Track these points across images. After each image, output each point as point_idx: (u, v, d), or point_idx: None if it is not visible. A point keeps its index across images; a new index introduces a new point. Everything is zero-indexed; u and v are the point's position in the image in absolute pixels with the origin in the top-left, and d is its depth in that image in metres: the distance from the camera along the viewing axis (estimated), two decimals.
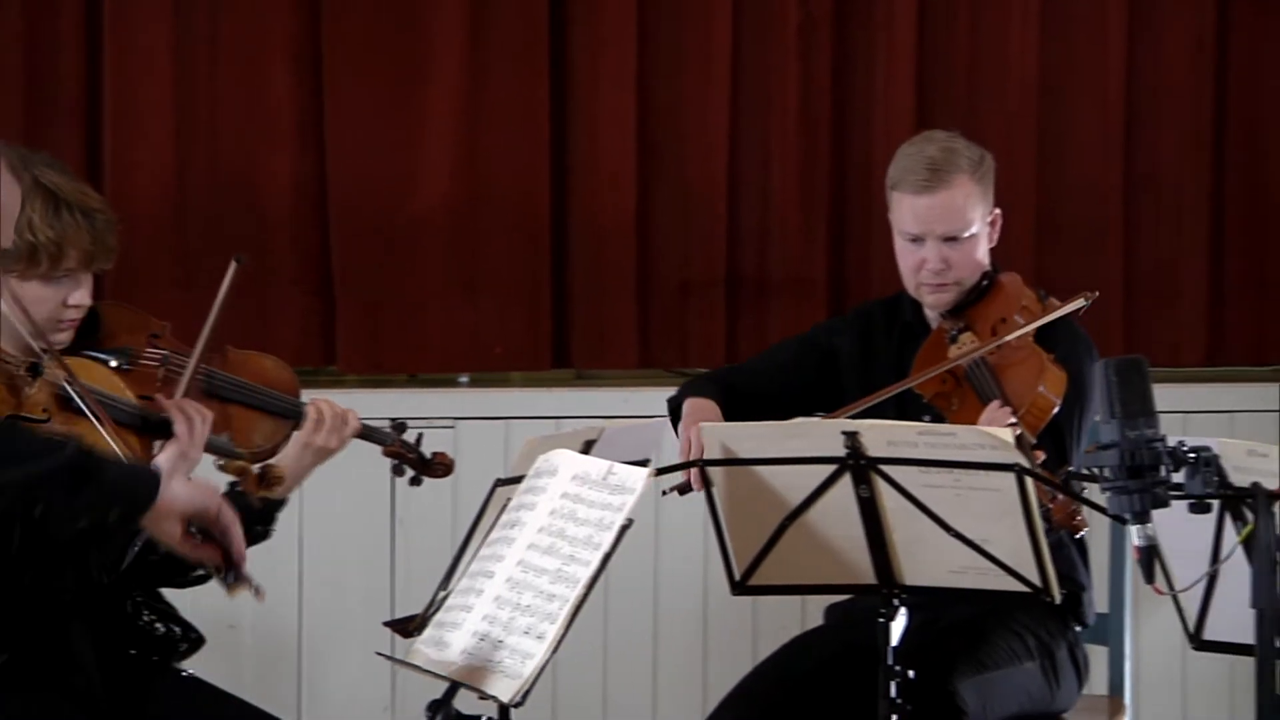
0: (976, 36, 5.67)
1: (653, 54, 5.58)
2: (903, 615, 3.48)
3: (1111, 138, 5.70)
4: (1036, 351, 3.94)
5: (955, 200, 4.01)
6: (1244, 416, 5.47)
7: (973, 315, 4.04)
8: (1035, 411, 3.85)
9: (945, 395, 3.95)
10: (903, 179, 4.04)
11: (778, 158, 5.61)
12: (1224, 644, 3.31)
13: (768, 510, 3.46)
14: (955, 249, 4.02)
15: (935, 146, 4.03)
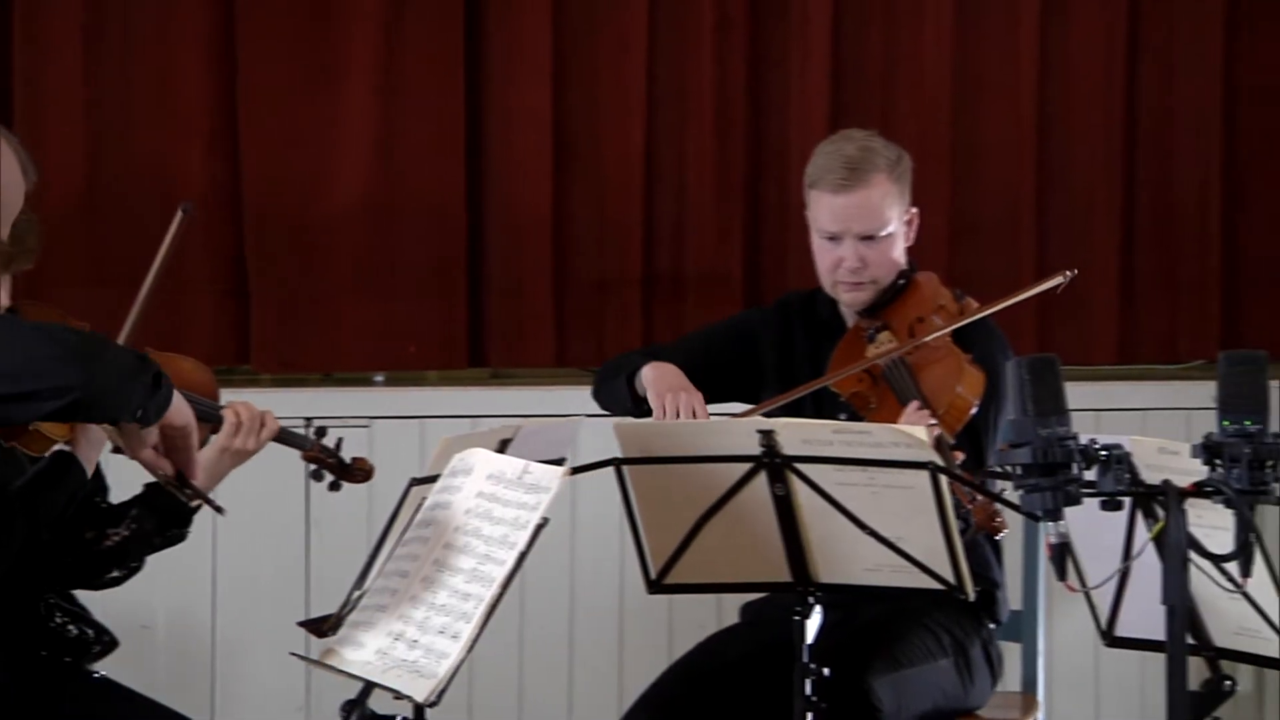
0: (891, 37, 5.69)
1: (568, 52, 5.57)
2: (818, 613, 3.49)
3: (1024, 138, 5.74)
4: (954, 352, 3.95)
5: (872, 199, 4.02)
6: (1155, 414, 5.51)
7: (889, 314, 4.05)
8: (954, 412, 3.87)
9: (862, 395, 3.96)
10: (821, 178, 4.04)
11: (694, 156, 5.62)
12: (1136, 640, 3.33)
13: (683, 508, 3.46)
14: (872, 248, 4.03)
15: (853, 145, 4.04)
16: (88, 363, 3.01)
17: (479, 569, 3.07)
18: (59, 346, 3.00)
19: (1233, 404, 2.84)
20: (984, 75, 5.74)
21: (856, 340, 4.04)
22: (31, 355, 2.98)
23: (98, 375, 3.01)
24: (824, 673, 3.48)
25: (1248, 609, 3.14)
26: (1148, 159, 5.84)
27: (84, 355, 3.01)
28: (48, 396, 2.99)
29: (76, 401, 3.01)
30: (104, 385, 3.02)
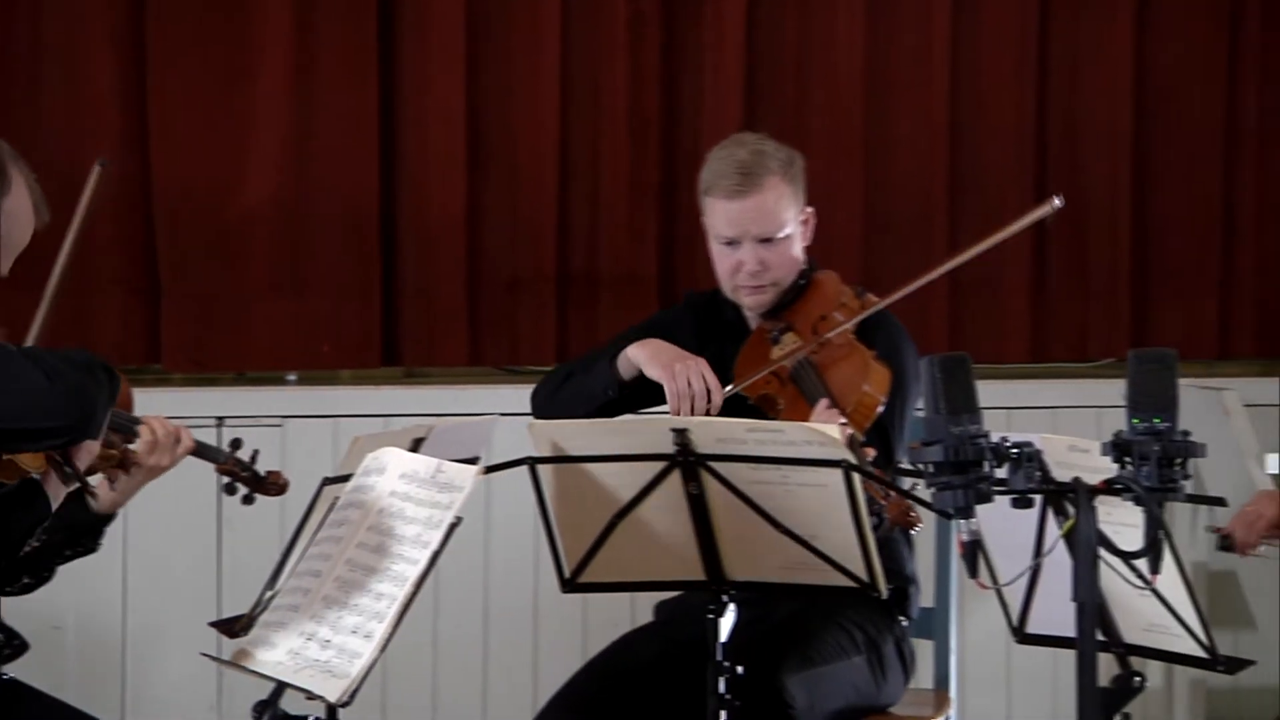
0: (804, 34, 5.71)
1: (482, 51, 5.56)
2: (731, 611, 3.50)
3: (936, 136, 5.77)
4: (859, 349, 3.96)
5: (768, 202, 4.02)
6: (1066, 412, 5.55)
7: (792, 315, 4.06)
8: (862, 410, 3.88)
9: (770, 397, 3.97)
10: (715, 184, 4.04)
11: (608, 154, 5.62)
12: (1047, 637, 3.35)
13: (597, 508, 3.45)
14: (771, 250, 4.03)
15: (745, 150, 4.04)
16: (85, 401, 3.12)
17: (392, 568, 3.06)
18: (61, 384, 3.09)
19: (1142, 402, 2.86)
20: (896, 73, 5.77)
21: (760, 343, 4.04)
22: (33, 395, 3.07)
23: (96, 414, 3.15)
24: (737, 671, 3.49)
25: (1157, 605, 3.17)
26: (1058, 158, 5.88)
27: (83, 394, 3.12)
28: (46, 436, 3.14)
29: (72, 440, 3.18)
30: (98, 421, 3.16)
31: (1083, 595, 2.83)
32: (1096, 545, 2.84)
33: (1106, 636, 3.23)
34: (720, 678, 3.48)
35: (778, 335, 4.03)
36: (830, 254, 4.27)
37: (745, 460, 3.36)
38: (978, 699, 5.45)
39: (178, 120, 5.37)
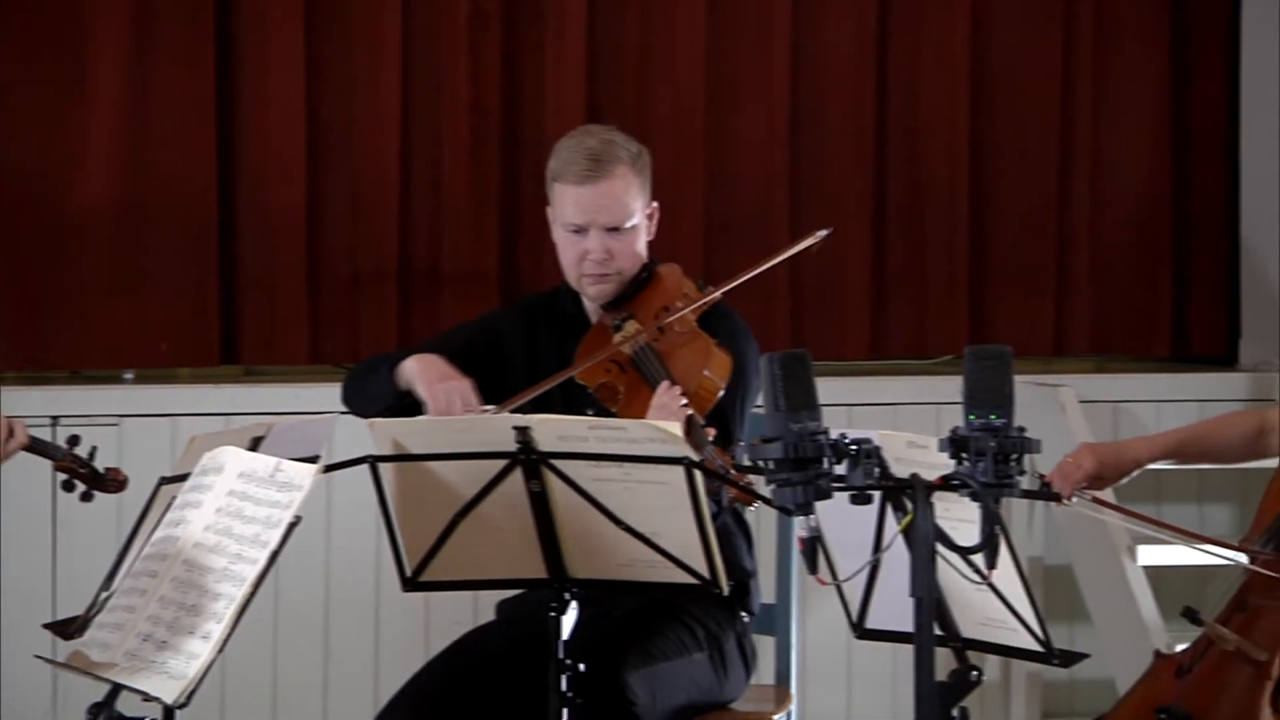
0: (645, 30, 5.73)
1: (321, 46, 5.53)
2: (573, 609, 3.49)
3: (777, 135, 5.80)
4: (701, 335, 3.98)
5: (617, 190, 4.03)
6: (906, 409, 5.60)
7: (634, 306, 4.06)
8: (703, 394, 3.89)
9: (610, 385, 3.97)
10: (564, 170, 4.05)
11: (449, 150, 5.60)
12: (885, 632, 3.37)
13: (439, 506, 3.44)
14: (617, 239, 4.04)
15: (595, 139, 4.06)
16: None
17: (230, 568, 3.03)
18: None
19: (978, 399, 2.88)
20: (738, 71, 5.79)
21: (602, 333, 4.05)
22: None
23: None
24: (579, 668, 3.49)
25: (994, 600, 3.20)
26: (897, 158, 5.93)
27: None
28: None
29: None
30: None
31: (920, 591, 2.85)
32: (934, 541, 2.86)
33: (944, 631, 3.26)
34: (562, 675, 3.48)
35: (619, 324, 4.03)
36: (671, 250, 4.28)
37: (587, 458, 3.36)
38: (818, 694, 5.49)
39: (10, 115, 5.29)
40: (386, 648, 5.35)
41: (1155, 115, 6.09)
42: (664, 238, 4.21)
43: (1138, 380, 5.88)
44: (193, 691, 2.98)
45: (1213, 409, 5.65)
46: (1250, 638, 3.38)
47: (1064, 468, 3.53)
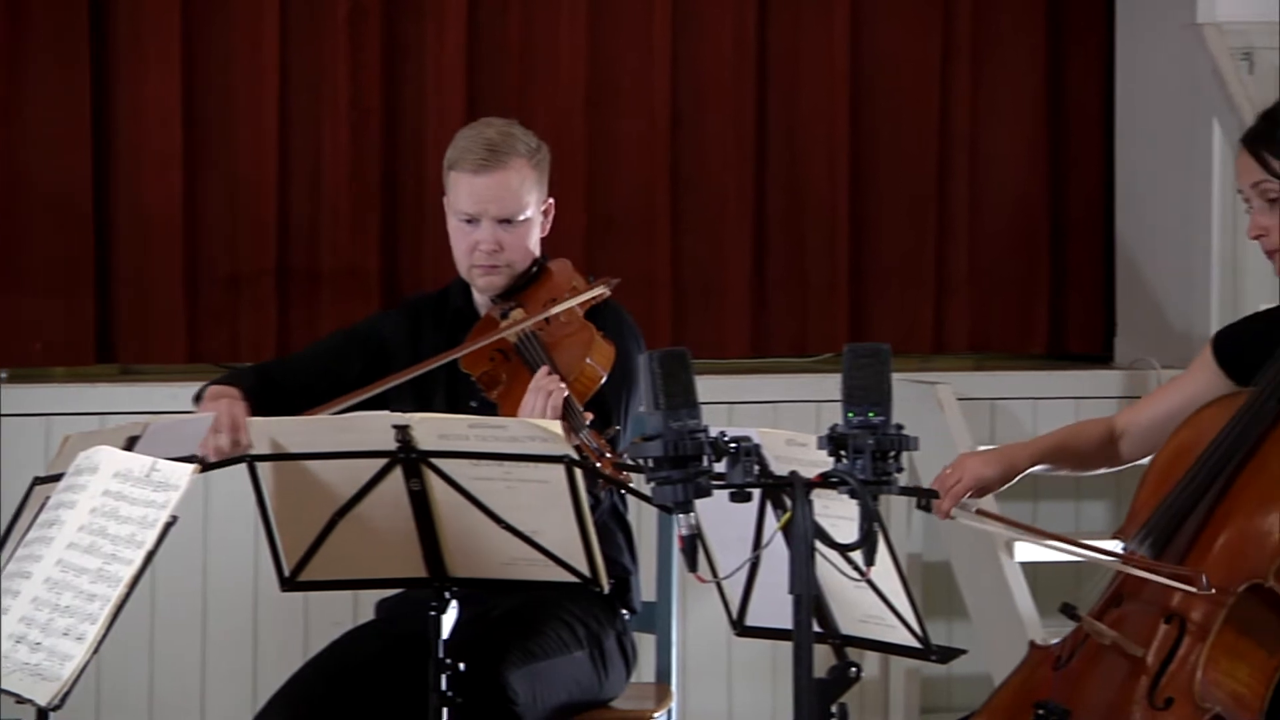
0: (527, 27, 5.72)
1: (199, 41, 5.49)
2: (453, 608, 3.49)
3: (658, 133, 5.81)
4: (586, 325, 3.99)
5: (511, 182, 4.03)
6: (786, 407, 5.62)
7: (523, 299, 4.06)
8: (584, 380, 3.89)
9: (493, 374, 3.96)
10: (460, 159, 4.05)
11: (328, 147, 5.58)
12: (765, 629, 3.38)
13: (317, 505, 3.42)
14: (509, 231, 4.04)
15: (494, 130, 4.06)
16: None
17: (105, 569, 3.00)
18: None
19: (856, 396, 2.89)
20: (619, 70, 5.80)
21: (490, 324, 4.04)
22: None
23: None
24: (459, 667, 3.48)
25: (872, 597, 3.21)
26: (778, 157, 5.96)
27: None
28: None
29: None
30: None
31: (799, 588, 2.86)
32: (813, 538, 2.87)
33: (823, 628, 3.27)
34: (442, 674, 3.48)
35: (506, 312, 4.03)
36: (553, 248, 4.27)
37: (467, 456, 3.35)
38: (698, 691, 5.50)
39: None
40: (265, 648, 5.31)
41: (1032, 114, 6.14)
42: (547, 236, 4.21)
43: (1015, 378, 5.93)
44: (67, 693, 2.95)
45: (1089, 406, 5.72)
46: (1126, 632, 3.41)
47: (945, 480, 3.54)
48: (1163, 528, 3.46)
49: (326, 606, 5.14)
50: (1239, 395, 3.51)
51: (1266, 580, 3.34)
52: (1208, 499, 3.45)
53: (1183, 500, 3.46)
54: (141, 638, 5.24)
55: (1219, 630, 3.33)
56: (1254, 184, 3.51)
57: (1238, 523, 3.42)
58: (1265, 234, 3.51)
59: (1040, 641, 3.64)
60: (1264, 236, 3.51)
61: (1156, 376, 5.75)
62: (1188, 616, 3.38)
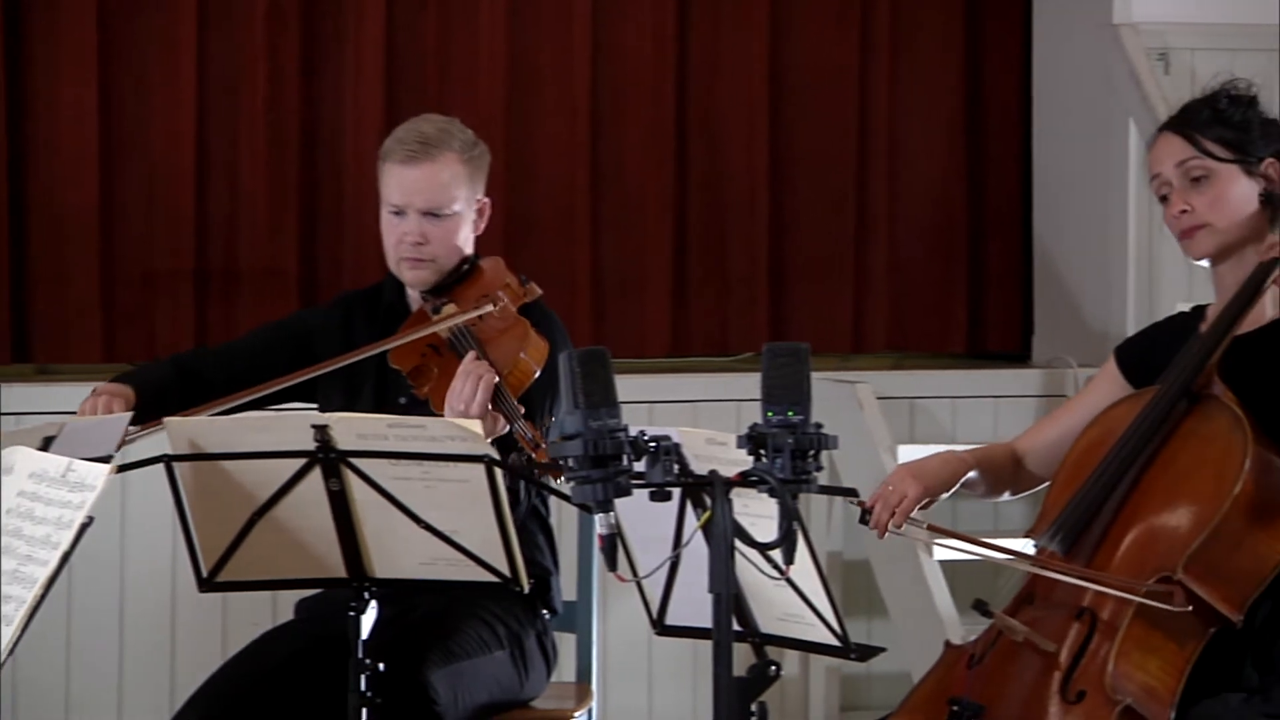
0: (445, 28, 5.71)
1: (115, 40, 5.46)
2: (373, 608, 3.48)
3: (578, 133, 5.81)
4: (520, 320, 3.98)
5: (440, 175, 4.02)
6: (706, 406, 5.63)
7: (455, 295, 4.06)
8: (518, 374, 3.89)
9: (424, 368, 3.95)
10: (392, 150, 4.05)
11: (246, 147, 5.56)
12: (685, 629, 3.39)
13: (236, 505, 3.41)
14: (436, 225, 4.03)
15: (431, 124, 4.06)
16: None
17: (20, 570, 2.98)
18: None
19: (775, 395, 2.90)
20: (538, 70, 5.80)
21: (421, 318, 4.04)
22: None
23: None
24: (379, 668, 3.47)
25: (792, 595, 3.22)
26: (698, 156, 5.97)
27: None
28: None
29: None
30: None
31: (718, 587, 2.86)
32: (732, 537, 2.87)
33: (743, 627, 3.28)
34: (361, 675, 3.47)
35: (438, 307, 4.02)
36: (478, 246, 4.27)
37: (386, 456, 3.34)
38: (619, 691, 5.50)
39: None
40: (183, 649, 5.29)
41: (950, 114, 6.18)
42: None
43: (934, 376, 5.96)
44: None
45: (1007, 405, 5.75)
46: (1038, 629, 3.44)
47: (888, 498, 3.54)
48: (1072, 524, 3.48)
49: (245, 607, 5.12)
50: (1146, 393, 3.54)
51: (1175, 573, 3.36)
52: (1117, 495, 3.48)
53: (1092, 496, 3.48)
54: (58, 639, 5.20)
55: (1129, 624, 3.36)
56: (1180, 163, 3.55)
57: (1146, 517, 3.45)
58: (1189, 210, 3.54)
59: (959, 639, 3.66)
60: (1186, 213, 3.54)
61: (1074, 375, 5.79)
62: (1099, 612, 3.40)
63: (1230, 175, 3.55)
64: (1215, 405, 3.47)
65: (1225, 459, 3.40)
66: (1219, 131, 3.55)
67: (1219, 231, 3.55)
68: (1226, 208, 3.54)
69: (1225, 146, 3.55)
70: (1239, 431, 3.41)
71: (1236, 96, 3.59)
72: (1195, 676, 3.36)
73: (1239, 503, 3.38)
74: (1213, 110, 3.57)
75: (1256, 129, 3.57)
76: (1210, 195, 3.54)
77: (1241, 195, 3.55)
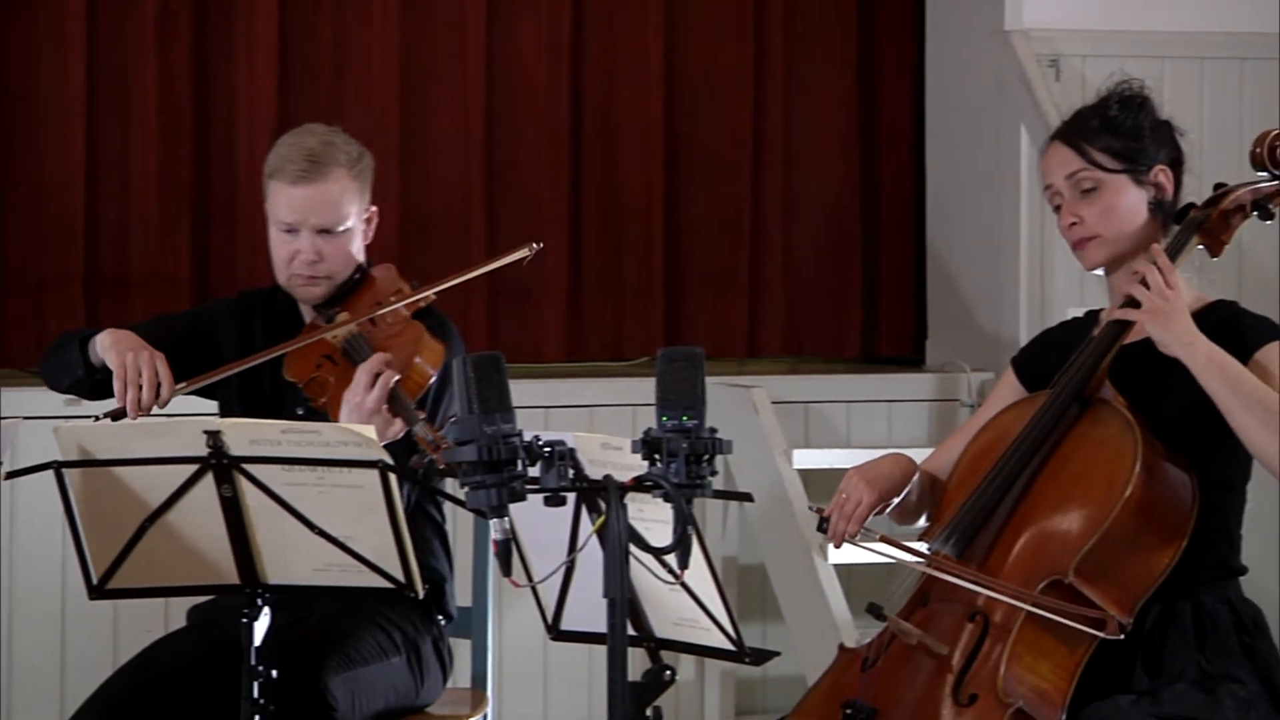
0: (339, 31, 5.70)
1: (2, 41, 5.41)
2: (266, 615, 3.46)
3: (473, 137, 5.80)
4: (414, 324, 3.98)
5: (331, 193, 4.00)
6: (602, 410, 5.64)
7: (347, 305, 4.04)
8: (415, 377, 3.88)
9: (321, 380, 3.94)
10: (280, 168, 4.01)
11: (137, 150, 5.52)
12: (580, 633, 3.39)
13: (127, 512, 3.38)
14: (329, 242, 4.01)
15: (315, 139, 4.02)
16: None
17: None
18: None
19: (670, 400, 2.91)
20: (433, 74, 5.79)
21: (314, 331, 4.02)
22: None
23: None
24: (272, 674, 3.45)
25: (687, 600, 3.23)
26: (593, 161, 5.97)
27: None
28: None
29: None
30: None
31: (613, 591, 2.86)
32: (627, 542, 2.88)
33: (638, 631, 3.28)
34: (254, 682, 3.44)
35: (331, 316, 4.01)
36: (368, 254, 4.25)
37: (279, 462, 3.33)
38: (515, 696, 5.50)
39: None
40: (73, 657, 5.24)
41: (845, 120, 6.21)
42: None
43: (829, 381, 5.98)
44: None
45: (901, 409, 5.79)
46: (931, 632, 3.46)
47: (844, 505, 3.55)
48: (966, 527, 3.51)
49: (138, 614, 5.08)
50: (1038, 397, 3.57)
51: (1066, 576, 3.39)
52: (1010, 498, 3.50)
53: (985, 500, 3.51)
54: None
55: (1021, 627, 3.39)
56: (1070, 174, 3.57)
57: (1039, 520, 3.47)
58: (1079, 222, 3.57)
59: (854, 643, 3.67)
60: (1077, 224, 3.57)
61: (967, 379, 5.83)
62: (991, 614, 3.43)
63: (1119, 186, 3.57)
64: (1106, 410, 3.50)
65: (1116, 463, 3.44)
66: (1108, 141, 3.57)
67: (1109, 242, 3.58)
68: (1116, 218, 3.57)
69: (1114, 157, 3.57)
70: (1129, 436, 3.44)
71: (1127, 100, 3.61)
72: (1086, 679, 3.39)
73: (1129, 506, 3.41)
74: (1103, 118, 3.59)
75: (1147, 135, 3.59)
76: (1099, 206, 3.57)
77: (1131, 205, 3.58)
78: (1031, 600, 3.37)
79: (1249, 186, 3.61)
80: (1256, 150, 3.62)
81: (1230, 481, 3.55)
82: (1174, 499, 3.45)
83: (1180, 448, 3.48)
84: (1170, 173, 3.60)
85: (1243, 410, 3.40)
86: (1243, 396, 3.40)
